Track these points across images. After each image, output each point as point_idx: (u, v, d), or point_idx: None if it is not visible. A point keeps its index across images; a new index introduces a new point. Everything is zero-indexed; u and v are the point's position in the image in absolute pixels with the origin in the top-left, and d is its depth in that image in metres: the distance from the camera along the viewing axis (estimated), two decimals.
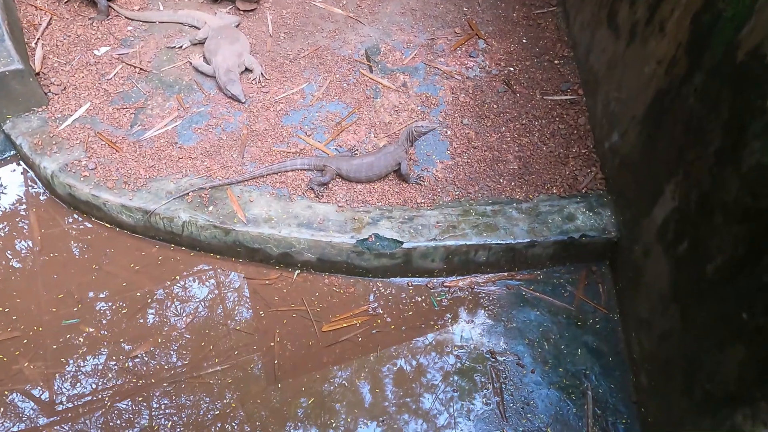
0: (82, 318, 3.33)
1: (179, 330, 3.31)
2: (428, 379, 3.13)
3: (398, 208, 3.60)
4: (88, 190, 3.68)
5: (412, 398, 3.08)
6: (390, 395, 3.09)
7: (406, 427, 2.96)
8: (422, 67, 4.60)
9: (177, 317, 3.36)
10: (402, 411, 3.03)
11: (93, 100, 4.28)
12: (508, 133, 4.10)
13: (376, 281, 3.55)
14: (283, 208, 3.58)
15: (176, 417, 2.99)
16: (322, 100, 4.32)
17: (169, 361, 3.18)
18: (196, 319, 3.36)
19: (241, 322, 3.36)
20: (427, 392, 3.10)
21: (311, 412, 3.01)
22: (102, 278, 3.53)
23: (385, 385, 3.13)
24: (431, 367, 3.18)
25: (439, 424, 2.97)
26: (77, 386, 3.08)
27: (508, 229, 3.44)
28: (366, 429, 2.96)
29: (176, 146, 3.97)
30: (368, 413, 3.02)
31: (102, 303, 3.42)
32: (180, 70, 4.56)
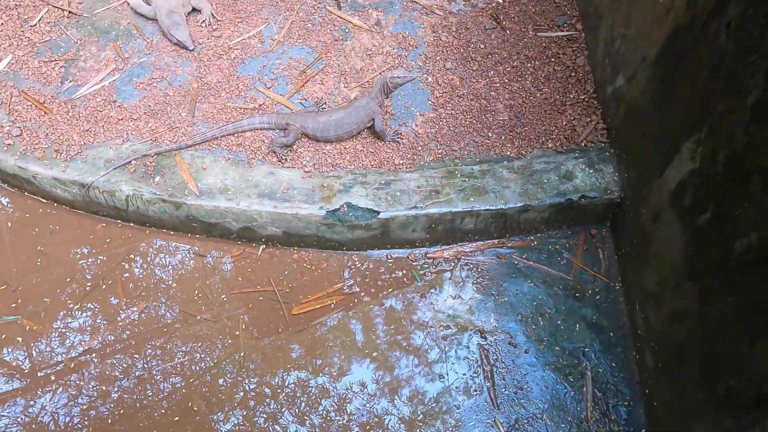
0: (23, 313, 2.92)
1: (131, 322, 2.94)
2: (416, 365, 2.83)
3: (373, 172, 3.15)
4: (14, 161, 3.18)
5: (393, 387, 2.78)
6: (369, 384, 2.79)
7: (387, 420, 2.68)
8: (398, 2, 4.00)
9: (127, 307, 2.97)
10: (381, 401, 2.74)
11: (15, 51, 3.66)
12: (497, 77, 3.59)
13: (351, 255, 3.17)
14: (241, 175, 3.12)
15: (137, 411, 2.67)
16: (284, 45, 3.74)
17: (120, 362, 2.82)
18: (150, 309, 2.98)
19: (202, 308, 2.98)
20: (411, 380, 2.80)
21: (283, 409, 2.71)
22: (42, 264, 3.10)
23: (362, 374, 2.82)
24: (414, 348, 2.87)
25: (422, 412, 2.70)
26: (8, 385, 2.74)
27: (498, 193, 3.03)
28: (343, 423, 2.68)
29: (115, 105, 3.42)
30: (345, 404, 2.73)
31: (43, 293, 3.00)
32: (116, 12, 3.91)
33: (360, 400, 2.74)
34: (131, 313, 2.96)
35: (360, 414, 2.69)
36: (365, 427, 2.67)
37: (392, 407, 2.71)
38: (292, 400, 2.73)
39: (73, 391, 2.72)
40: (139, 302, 3.00)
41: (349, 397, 2.74)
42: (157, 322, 2.95)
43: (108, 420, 2.66)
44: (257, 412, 2.70)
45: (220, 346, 2.87)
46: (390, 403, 2.73)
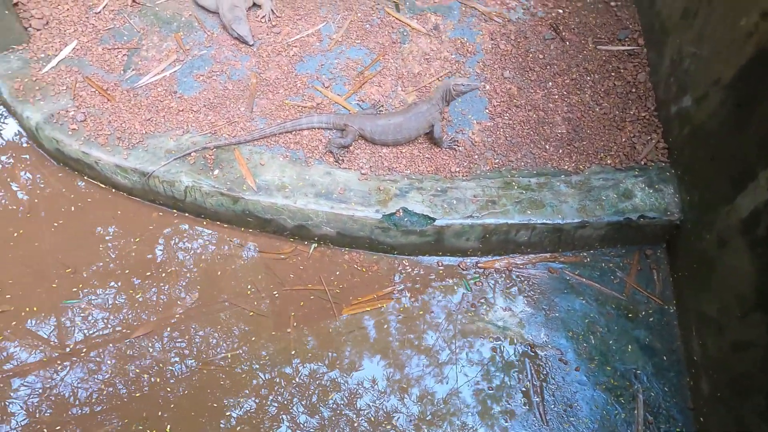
0: (82, 297, 2.99)
1: (185, 312, 2.99)
2: (459, 372, 2.83)
3: (429, 178, 3.15)
4: (78, 146, 3.24)
5: (444, 395, 2.79)
6: (418, 391, 2.80)
7: (439, 426, 2.69)
8: (457, 7, 3.98)
9: (183, 298, 3.02)
10: (432, 407, 2.75)
11: (80, 37, 3.73)
12: (555, 89, 3.56)
13: (402, 259, 3.18)
14: (298, 173, 3.14)
15: (183, 407, 2.72)
16: (342, 45, 3.76)
17: (173, 349, 2.87)
18: (202, 300, 3.03)
19: (254, 304, 3.02)
20: (460, 390, 2.80)
21: (334, 414, 2.73)
22: (103, 250, 3.17)
23: (413, 379, 2.83)
24: (463, 359, 2.87)
25: (473, 423, 2.70)
26: (71, 374, 2.81)
27: (555, 207, 3.01)
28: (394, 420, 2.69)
29: (176, 96, 3.47)
30: (393, 407, 2.74)
31: (103, 279, 3.07)
32: (178, 3, 3.96)
33: (411, 404, 2.75)
34: (184, 303, 3.01)
35: (410, 417, 2.70)
36: (420, 429, 2.69)
37: (438, 414, 2.72)
38: (346, 401, 2.76)
39: (132, 374, 2.78)
40: (192, 293, 3.05)
41: (395, 402, 2.75)
42: (209, 314, 2.99)
43: (171, 404, 2.71)
44: (310, 411, 2.73)
45: (270, 343, 2.90)
46: (439, 410, 2.73)
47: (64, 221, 3.25)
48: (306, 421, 2.68)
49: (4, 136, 3.63)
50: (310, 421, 2.67)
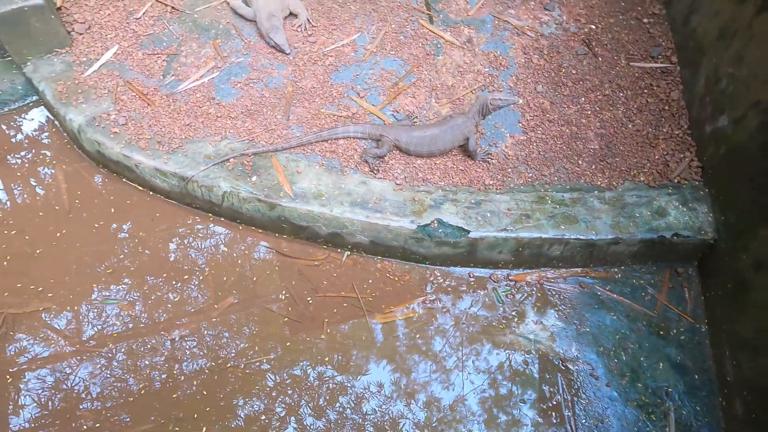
0: (120, 298, 3.06)
1: (221, 315, 3.04)
2: (491, 384, 2.86)
3: (463, 190, 3.19)
4: (119, 149, 3.32)
5: (473, 404, 2.81)
6: (449, 400, 2.83)
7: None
8: (490, 20, 4.03)
9: (219, 301, 3.08)
10: (463, 417, 2.78)
11: (121, 42, 3.82)
12: (588, 105, 3.59)
13: (434, 270, 3.21)
14: (334, 182, 3.19)
15: (218, 408, 2.77)
16: (376, 55, 3.81)
17: (208, 351, 2.92)
18: (236, 305, 3.08)
19: (288, 309, 3.07)
20: (489, 401, 2.83)
21: (370, 422, 2.77)
22: (142, 251, 3.23)
23: (444, 389, 2.86)
24: (495, 371, 2.89)
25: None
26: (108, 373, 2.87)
27: (589, 223, 3.04)
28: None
29: (214, 102, 3.54)
30: (424, 410, 2.77)
31: (142, 281, 3.14)
32: (216, 11, 4.04)
33: (441, 413, 2.78)
34: (221, 307, 3.07)
35: (441, 425, 2.73)
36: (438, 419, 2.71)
37: (468, 423, 2.75)
38: (381, 407, 2.79)
39: (168, 374, 2.84)
40: (227, 297, 3.11)
41: (426, 411, 2.79)
42: (243, 319, 3.04)
43: (206, 406, 2.77)
44: (342, 418, 2.77)
45: (304, 348, 2.95)
46: (471, 421, 2.76)
47: (104, 222, 3.32)
48: (341, 428, 2.72)
49: (45, 137, 3.71)
50: (347, 426, 2.71)
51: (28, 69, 3.69)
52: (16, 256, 3.16)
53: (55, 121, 3.76)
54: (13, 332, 2.95)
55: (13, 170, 3.52)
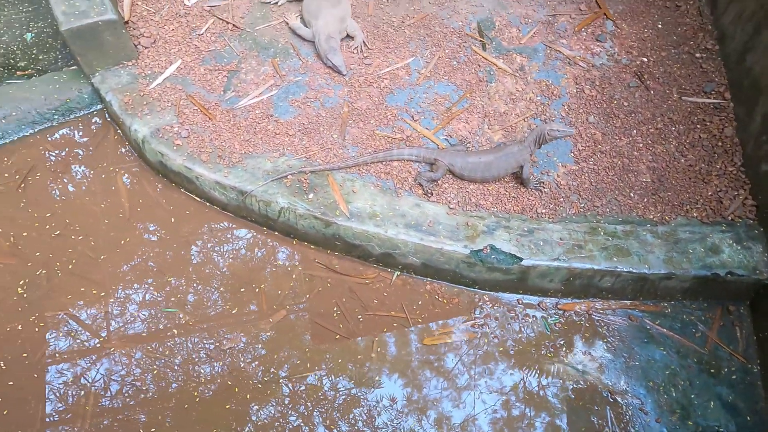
0: (180, 306, 3.15)
1: (273, 328, 3.12)
2: (538, 414, 2.87)
3: (516, 217, 3.23)
4: (181, 161, 3.44)
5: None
6: (494, 428, 2.85)
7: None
8: (542, 49, 4.09)
9: (271, 313, 3.16)
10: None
11: (184, 57, 3.97)
12: (640, 137, 3.62)
13: (483, 294, 3.25)
14: (388, 203, 3.26)
15: (268, 425, 2.84)
16: (430, 79, 3.90)
17: (258, 363, 3.00)
18: (288, 319, 3.15)
19: (339, 326, 3.13)
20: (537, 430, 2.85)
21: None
22: (197, 262, 3.34)
23: (491, 416, 2.88)
24: (543, 401, 2.91)
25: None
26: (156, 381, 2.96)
27: (641, 256, 3.05)
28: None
29: (272, 119, 3.66)
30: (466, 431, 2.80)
31: (198, 290, 3.23)
32: (275, 30, 4.18)
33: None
34: (272, 320, 3.14)
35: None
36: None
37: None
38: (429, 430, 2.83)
39: (220, 385, 2.91)
40: (280, 310, 3.19)
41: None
42: (295, 333, 3.11)
43: (258, 420, 2.83)
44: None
45: (355, 366, 3.00)
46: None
47: (164, 231, 3.44)
48: None
49: (108, 145, 3.86)
50: None
51: (96, 79, 3.86)
52: (81, 260, 3.29)
53: (117, 130, 3.90)
54: (72, 333, 3.06)
55: (78, 176, 3.67)
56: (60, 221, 3.43)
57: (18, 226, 3.42)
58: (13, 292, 3.19)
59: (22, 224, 3.43)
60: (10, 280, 3.23)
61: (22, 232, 3.39)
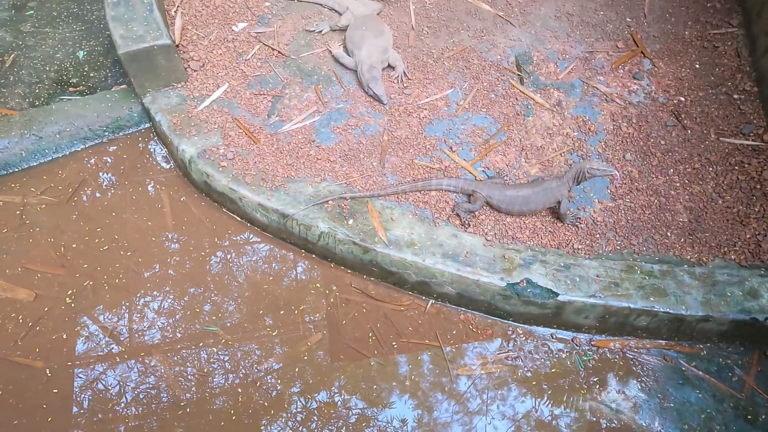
0: (220, 325, 3.24)
1: (310, 352, 3.18)
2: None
3: (552, 252, 3.27)
4: (226, 182, 3.56)
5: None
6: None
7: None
8: (579, 85, 4.16)
9: (310, 337, 3.22)
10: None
11: (231, 81, 4.12)
12: (676, 176, 3.64)
13: (517, 327, 3.28)
14: (426, 232, 3.33)
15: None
16: (468, 111, 3.98)
17: (293, 385, 3.05)
18: (324, 342, 3.21)
19: (374, 352, 3.18)
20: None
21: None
22: (238, 283, 3.42)
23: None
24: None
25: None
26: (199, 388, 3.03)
27: (678, 297, 3.06)
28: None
29: (314, 144, 3.77)
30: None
31: (239, 310, 3.32)
32: (318, 58, 4.32)
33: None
34: (313, 342, 3.20)
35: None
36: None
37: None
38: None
39: (258, 408, 2.97)
40: (316, 332, 3.25)
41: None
42: (331, 356, 3.17)
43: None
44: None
45: (390, 394, 3.04)
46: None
47: (206, 250, 3.54)
48: None
49: (155, 163, 4.01)
50: None
51: (147, 100, 4.02)
52: (127, 275, 3.40)
53: (163, 149, 4.05)
54: (115, 345, 3.16)
55: (126, 192, 3.81)
56: (108, 235, 3.56)
57: (68, 237, 3.56)
58: (61, 301, 3.31)
59: (71, 236, 3.57)
60: (58, 290, 3.36)
61: (71, 244, 3.53)
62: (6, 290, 3.34)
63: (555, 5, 4.69)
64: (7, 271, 3.41)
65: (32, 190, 3.76)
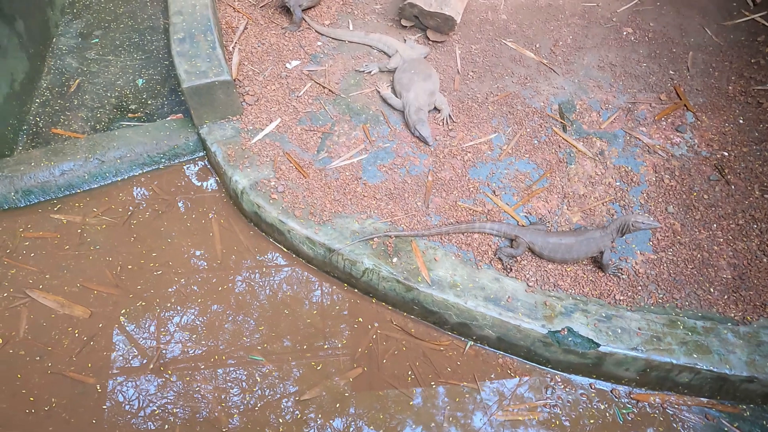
0: (264, 355, 3.33)
1: (351, 386, 3.24)
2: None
3: (594, 302, 3.30)
4: (276, 214, 3.70)
5: None
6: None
7: None
8: (621, 135, 4.23)
9: (349, 369, 3.29)
10: None
11: (283, 116, 4.31)
12: (720, 232, 3.65)
13: (555, 374, 3.29)
14: (468, 275, 3.40)
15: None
16: (512, 156, 4.08)
17: (333, 418, 3.11)
18: (365, 377, 3.27)
19: (413, 391, 3.23)
20: None
21: None
22: (285, 313, 3.51)
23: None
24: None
25: None
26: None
27: (722, 356, 3.05)
28: None
29: (360, 182, 3.90)
30: None
31: (279, 341, 3.41)
32: (367, 97, 4.49)
33: None
34: (350, 377, 3.27)
35: None
36: None
37: None
38: None
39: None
40: (357, 368, 3.31)
41: None
42: (371, 396, 3.22)
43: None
44: None
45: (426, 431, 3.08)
46: None
47: (253, 280, 3.67)
48: None
49: (207, 191, 4.19)
50: None
51: (204, 131, 4.23)
52: (178, 299, 3.54)
53: (216, 178, 4.24)
54: (161, 369, 3.28)
55: (179, 218, 3.98)
56: (161, 259, 3.72)
57: (123, 258, 3.73)
58: (114, 320, 3.46)
59: (126, 257, 3.74)
60: (112, 309, 3.51)
61: (127, 265, 3.69)
62: (64, 306, 3.50)
63: (598, 55, 4.81)
64: (65, 288, 3.58)
65: (94, 210, 3.96)
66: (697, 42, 4.93)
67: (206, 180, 4.25)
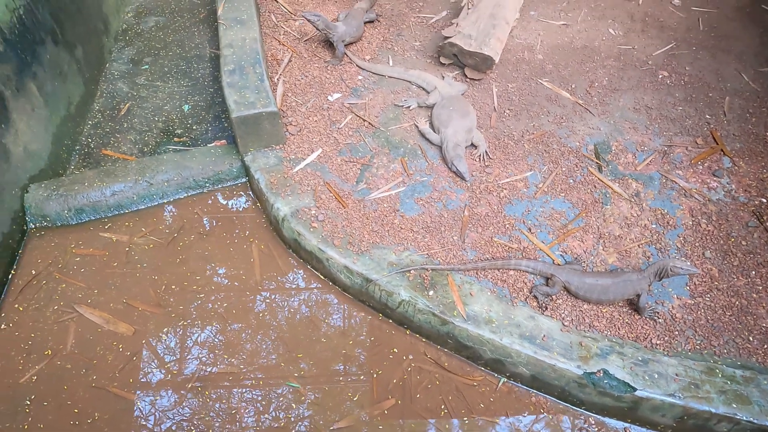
0: (301, 382, 3.39)
1: (382, 416, 3.27)
2: None
3: (630, 345, 3.30)
4: (316, 242, 3.80)
5: None
6: None
7: None
8: (657, 178, 4.26)
9: (381, 400, 3.33)
10: None
11: (324, 146, 4.46)
12: (759, 279, 3.63)
13: (589, 416, 3.28)
14: (504, 311, 3.43)
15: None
16: (547, 194, 4.14)
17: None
18: (401, 408, 3.30)
19: (445, 425, 3.24)
20: None
21: None
22: (323, 341, 3.57)
23: None
24: None
25: None
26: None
27: (763, 407, 3.01)
28: None
29: (398, 214, 3.99)
30: None
31: (315, 367, 3.48)
32: (405, 131, 4.62)
33: None
34: (381, 407, 3.30)
35: None
36: None
37: None
38: None
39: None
40: (389, 399, 3.35)
41: None
42: (402, 424, 3.25)
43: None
44: None
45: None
46: None
47: (291, 307, 3.76)
48: None
49: (248, 216, 4.32)
50: None
51: (248, 158, 4.39)
52: (218, 323, 3.65)
53: (257, 204, 4.38)
54: (199, 391, 3.36)
55: (221, 242, 4.11)
56: (203, 282, 3.85)
57: (167, 278, 3.86)
58: (156, 338, 3.57)
59: (170, 277, 3.87)
60: (154, 328, 3.62)
61: (171, 285, 3.82)
62: (109, 323, 3.63)
63: (634, 97, 4.88)
64: (111, 305, 3.72)
65: (142, 230, 4.13)
66: (734, 87, 4.97)
67: (248, 206, 4.39)
